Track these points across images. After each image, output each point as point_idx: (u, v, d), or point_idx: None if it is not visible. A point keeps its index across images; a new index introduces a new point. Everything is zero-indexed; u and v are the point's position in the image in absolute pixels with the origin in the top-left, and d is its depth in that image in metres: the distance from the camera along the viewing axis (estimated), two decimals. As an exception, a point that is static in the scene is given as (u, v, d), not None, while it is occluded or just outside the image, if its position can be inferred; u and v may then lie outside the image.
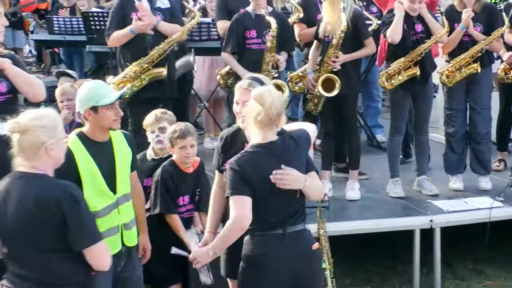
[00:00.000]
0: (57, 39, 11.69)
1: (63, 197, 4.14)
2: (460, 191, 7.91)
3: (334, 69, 7.40)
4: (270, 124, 4.68)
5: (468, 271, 7.74)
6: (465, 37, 7.72)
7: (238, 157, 4.72)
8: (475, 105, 7.89)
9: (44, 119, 4.23)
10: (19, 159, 4.23)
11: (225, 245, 4.79)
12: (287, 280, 4.75)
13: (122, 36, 7.52)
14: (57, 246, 4.17)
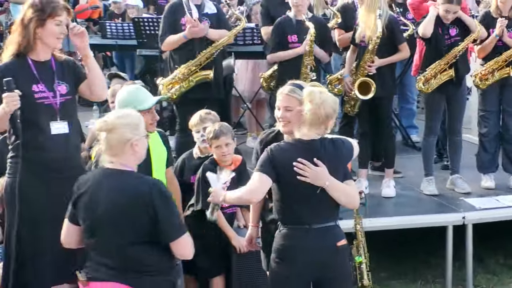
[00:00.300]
0: (110, 43, 11.82)
1: (154, 193, 4.25)
2: (492, 189, 7.85)
3: (370, 73, 7.37)
4: (317, 123, 4.67)
5: (499, 266, 7.70)
6: (498, 42, 7.67)
7: (276, 144, 4.75)
8: (508, 107, 7.85)
9: (128, 118, 4.37)
10: (107, 156, 4.34)
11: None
12: (312, 273, 4.75)
13: (176, 41, 7.60)
14: (146, 238, 4.28)
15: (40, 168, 4.85)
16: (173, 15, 7.68)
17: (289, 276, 4.75)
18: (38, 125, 4.83)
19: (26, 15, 4.88)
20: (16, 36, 4.94)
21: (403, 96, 9.89)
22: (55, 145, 4.90)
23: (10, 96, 4.68)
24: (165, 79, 7.66)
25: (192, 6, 7.62)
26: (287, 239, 4.75)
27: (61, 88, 4.99)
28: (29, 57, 4.92)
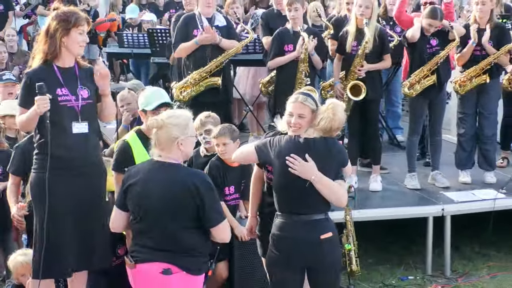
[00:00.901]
0: (126, 51, 11.79)
1: (201, 184, 4.38)
2: (468, 184, 7.84)
3: (360, 76, 7.36)
4: (326, 132, 4.75)
5: (474, 253, 7.70)
6: (477, 51, 7.65)
7: (279, 136, 4.83)
8: (484, 111, 7.82)
9: (178, 118, 4.48)
10: (156, 150, 4.47)
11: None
12: (299, 261, 4.77)
13: (188, 47, 7.62)
14: (193, 224, 4.40)
15: (62, 164, 4.84)
16: (186, 27, 7.68)
17: (279, 263, 4.79)
18: (61, 125, 4.83)
19: (51, 26, 4.89)
20: (42, 45, 4.95)
21: (389, 100, 9.89)
22: (75, 143, 4.90)
23: (42, 99, 4.69)
24: (178, 84, 7.66)
25: (204, 19, 7.63)
26: (279, 229, 4.79)
27: (83, 92, 4.98)
28: (54, 63, 4.92)
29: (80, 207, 4.92)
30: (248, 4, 11.87)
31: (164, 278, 4.37)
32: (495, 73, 7.74)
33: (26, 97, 4.87)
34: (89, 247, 5.00)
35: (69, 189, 4.87)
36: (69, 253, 4.94)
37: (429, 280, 7.08)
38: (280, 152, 4.74)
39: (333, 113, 4.71)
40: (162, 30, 10.43)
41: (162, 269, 4.37)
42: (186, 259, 4.42)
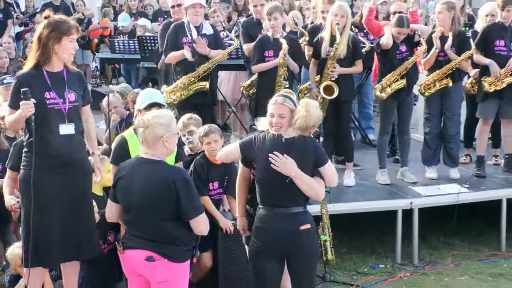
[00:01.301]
0: (118, 57, 11.83)
1: (178, 179, 4.43)
2: (434, 179, 7.86)
3: (333, 78, 7.38)
4: (303, 129, 4.76)
5: (439, 243, 7.74)
6: (440, 57, 7.70)
7: (263, 134, 4.87)
8: (447, 112, 7.84)
9: (162, 118, 4.52)
10: (143, 148, 4.54)
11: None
12: (279, 250, 4.81)
13: (177, 57, 7.62)
14: (172, 216, 4.45)
15: (49, 162, 4.83)
16: (176, 35, 7.66)
17: (259, 251, 4.82)
18: (49, 127, 4.82)
19: (43, 33, 4.86)
20: (34, 51, 4.92)
21: (362, 102, 9.92)
22: (62, 143, 4.88)
23: (26, 104, 4.68)
24: (168, 88, 7.65)
25: (192, 27, 7.62)
26: (261, 221, 4.82)
27: (70, 96, 4.96)
28: (44, 68, 4.90)
29: (66, 202, 4.91)
30: (232, 12, 11.86)
31: (148, 265, 4.45)
32: (457, 77, 7.76)
33: (15, 99, 4.84)
34: (74, 239, 4.99)
35: (55, 186, 4.86)
36: (55, 245, 4.91)
37: (398, 268, 7.11)
38: (263, 149, 4.78)
39: (306, 111, 4.74)
40: (151, 37, 10.43)
41: (146, 256, 4.44)
42: (169, 247, 4.47)
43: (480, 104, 8.03)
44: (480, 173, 7.99)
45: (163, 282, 4.47)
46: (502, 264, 7.23)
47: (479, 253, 7.51)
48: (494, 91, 7.79)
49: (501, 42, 7.80)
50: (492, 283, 6.78)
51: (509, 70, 7.71)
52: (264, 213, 4.80)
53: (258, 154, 4.81)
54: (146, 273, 4.51)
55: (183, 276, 4.59)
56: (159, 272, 4.46)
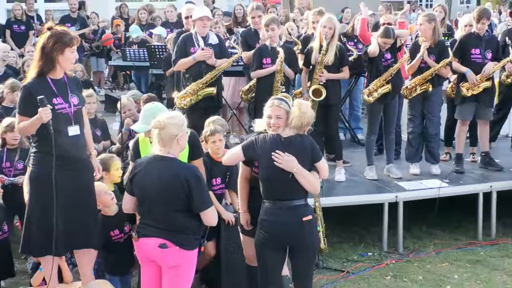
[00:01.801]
0: (129, 64, 11.82)
1: (191, 176, 4.46)
2: (417, 175, 7.86)
3: (321, 82, 7.38)
4: (298, 127, 4.80)
5: (422, 233, 7.74)
6: (422, 64, 7.70)
7: (263, 135, 4.89)
8: (428, 113, 7.85)
9: (175, 119, 4.55)
10: (158, 146, 4.55)
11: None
12: (283, 240, 4.82)
13: (186, 63, 7.57)
14: (183, 208, 4.48)
15: (61, 161, 4.79)
16: (184, 45, 7.64)
17: (266, 242, 4.82)
18: (58, 129, 4.78)
19: (47, 44, 4.81)
20: (37, 60, 4.87)
21: (351, 105, 9.94)
22: (71, 144, 4.86)
23: (45, 111, 4.66)
24: (179, 93, 7.62)
25: (200, 38, 7.61)
26: (266, 214, 4.83)
27: (74, 99, 4.94)
28: (48, 76, 4.86)
29: (73, 197, 4.88)
30: (232, 24, 11.87)
31: (161, 251, 4.48)
32: (436, 82, 7.76)
33: (25, 107, 4.80)
34: (82, 230, 4.98)
35: (64, 182, 4.82)
36: (62, 235, 4.86)
37: (385, 256, 7.12)
38: (265, 149, 4.80)
39: (299, 110, 4.79)
40: (159, 47, 10.41)
41: (159, 244, 4.46)
42: (180, 236, 4.49)
43: (459, 106, 8.05)
44: (459, 169, 7.99)
45: (174, 267, 4.50)
46: (479, 252, 7.23)
47: (458, 242, 7.51)
48: (471, 95, 7.81)
49: (476, 50, 7.82)
50: (470, 269, 6.79)
51: (484, 76, 7.73)
52: (269, 207, 4.82)
53: (260, 153, 4.83)
54: (159, 259, 4.54)
55: (192, 262, 4.61)
56: (171, 258, 4.48)
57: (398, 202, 7.21)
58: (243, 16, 11.65)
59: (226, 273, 5.93)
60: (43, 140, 4.81)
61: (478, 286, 6.40)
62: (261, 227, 4.86)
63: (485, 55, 7.82)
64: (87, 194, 5.02)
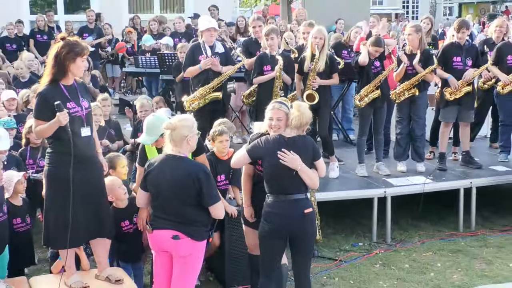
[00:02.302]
0: (141, 71, 11.84)
1: (201, 173, 4.48)
2: (404, 172, 7.85)
3: (314, 88, 7.37)
4: (298, 127, 4.81)
5: (408, 225, 7.74)
6: (409, 70, 7.68)
7: (266, 136, 4.88)
8: (415, 116, 7.84)
9: (187, 121, 4.55)
10: (170, 146, 4.54)
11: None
12: (286, 231, 4.81)
13: (194, 71, 7.62)
14: (194, 202, 4.49)
15: (74, 159, 4.75)
16: (193, 53, 7.68)
17: (270, 232, 4.81)
18: (73, 131, 4.76)
19: (60, 53, 4.78)
20: (50, 68, 4.84)
21: (344, 108, 9.91)
22: (84, 144, 4.84)
23: (63, 115, 4.65)
24: (188, 97, 7.65)
25: (207, 47, 7.63)
26: (271, 207, 4.82)
27: (84, 103, 4.92)
28: (60, 83, 4.83)
29: (87, 191, 4.86)
30: (235, 33, 11.87)
31: (174, 242, 4.49)
32: (422, 87, 7.75)
33: (41, 111, 4.76)
34: (96, 221, 4.96)
35: (79, 178, 4.79)
36: (80, 227, 4.85)
37: (374, 246, 7.11)
38: (269, 148, 4.79)
39: (298, 110, 4.79)
40: (168, 55, 10.41)
41: (172, 235, 4.47)
42: (191, 228, 4.49)
43: (442, 110, 8.04)
44: (442, 167, 7.97)
45: (185, 256, 4.51)
46: (460, 242, 7.23)
47: (441, 233, 7.51)
48: (453, 99, 7.80)
49: (458, 58, 7.81)
50: (451, 258, 6.79)
51: (465, 81, 7.73)
52: (273, 200, 4.81)
53: (265, 153, 4.82)
54: (171, 249, 4.54)
55: (201, 252, 4.63)
56: (183, 248, 4.49)
57: (387, 197, 7.20)
58: (245, 27, 11.69)
59: (229, 261, 5.93)
60: (59, 141, 4.78)
61: (459, 273, 6.40)
62: (265, 218, 4.84)
63: (466, 62, 7.81)
64: (99, 188, 5.01)
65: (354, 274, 6.38)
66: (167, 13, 16.60)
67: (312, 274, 6.25)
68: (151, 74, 11.59)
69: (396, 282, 6.20)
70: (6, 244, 5.33)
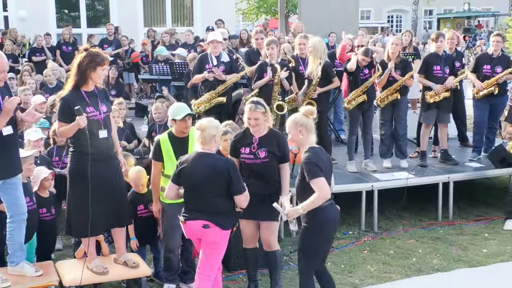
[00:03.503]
0: (154, 78, 11.82)
1: (230, 165, 4.57)
2: (389, 168, 7.82)
3: (313, 97, 7.37)
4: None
5: (393, 215, 7.70)
6: (391, 77, 7.67)
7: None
8: (397, 117, 7.84)
9: (213, 122, 4.65)
10: (199, 145, 4.59)
11: (310, 208, 4.47)
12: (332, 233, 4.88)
13: (199, 78, 7.73)
14: (224, 193, 4.54)
15: (93, 157, 4.77)
16: (201, 62, 7.76)
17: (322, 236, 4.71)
18: (92, 133, 4.77)
19: (83, 62, 4.79)
20: (73, 75, 4.86)
21: (335, 111, 9.89)
22: (101, 144, 4.85)
23: (82, 118, 4.67)
24: (196, 101, 7.73)
25: (213, 57, 7.68)
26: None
27: (103, 108, 4.92)
28: (82, 89, 4.84)
29: (107, 185, 4.86)
30: (238, 45, 11.85)
31: (204, 231, 4.52)
32: (403, 91, 7.74)
33: (64, 115, 4.79)
34: (116, 212, 4.97)
35: (99, 174, 4.80)
36: (101, 217, 4.87)
37: (362, 234, 7.09)
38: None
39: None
40: (179, 63, 10.41)
41: (203, 225, 4.51)
42: (219, 218, 4.53)
43: (423, 113, 8.05)
44: (423, 163, 7.95)
45: (213, 243, 4.56)
46: (439, 230, 7.21)
47: (422, 222, 7.49)
48: (433, 102, 7.78)
49: (437, 67, 7.81)
50: (431, 245, 6.76)
51: (446, 87, 7.73)
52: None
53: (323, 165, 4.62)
54: (202, 236, 4.58)
55: (226, 240, 4.66)
56: (211, 236, 4.53)
57: (374, 190, 7.17)
58: (247, 39, 11.64)
59: (234, 248, 5.88)
60: (79, 141, 4.79)
61: (438, 258, 6.37)
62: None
63: (444, 70, 7.80)
64: (117, 183, 5.01)
65: (345, 259, 6.35)
66: (178, 26, 16.56)
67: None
68: (164, 80, 11.57)
69: (382, 266, 6.17)
70: (35, 231, 5.34)
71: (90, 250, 5.01)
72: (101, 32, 15.08)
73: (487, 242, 6.81)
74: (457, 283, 5.82)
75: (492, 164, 7.95)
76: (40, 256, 5.48)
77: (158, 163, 5.20)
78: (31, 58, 12.79)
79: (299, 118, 4.61)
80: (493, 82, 8.02)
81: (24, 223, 4.90)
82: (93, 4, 17.47)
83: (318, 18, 13.14)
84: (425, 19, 42.83)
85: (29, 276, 4.88)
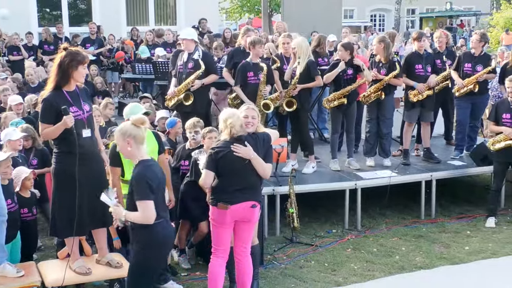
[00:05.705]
0: (138, 77, 11.76)
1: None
2: (372, 167, 7.85)
3: (293, 94, 7.33)
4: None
5: (376, 214, 7.74)
6: (375, 76, 7.66)
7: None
8: (381, 116, 7.84)
9: (234, 111, 4.97)
10: (227, 135, 4.84)
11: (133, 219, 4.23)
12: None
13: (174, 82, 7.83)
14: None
15: (78, 156, 4.72)
16: (175, 59, 7.88)
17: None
18: (76, 132, 4.71)
19: (64, 61, 4.72)
20: (54, 75, 4.78)
21: (319, 110, 9.88)
22: (85, 144, 4.80)
23: (69, 118, 4.63)
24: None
25: (185, 53, 7.67)
26: None
27: (86, 107, 4.87)
28: (63, 89, 4.77)
29: (92, 184, 4.80)
30: (222, 44, 11.81)
31: (252, 210, 4.85)
32: (388, 91, 7.75)
33: (47, 116, 4.72)
34: (100, 212, 4.88)
35: (83, 173, 4.75)
36: (85, 217, 4.82)
37: (346, 232, 7.11)
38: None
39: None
40: (162, 62, 10.36)
41: (251, 205, 4.82)
42: (259, 195, 4.98)
43: (406, 112, 8.10)
44: (406, 162, 8.00)
45: (256, 219, 4.98)
46: (422, 228, 7.26)
47: (405, 220, 7.54)
48: (417, 101, 7.83)
49: (419, 66, 7.86)
50: (414, 242, 6.81)
51: (428, 86, 7.78)
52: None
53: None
54: (248, 216, 4.85)
55: None
56: (256, 214, 4.91)
57: (357, 189, 7.20)
58: (231, 38, 11.61)
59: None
60: (65, 141, 4.73)
61: (421, 256, 6.42)
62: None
63: (426, 69, 7.86)
64: (102, 182, 4.94)
65: (329, 257, 6.37)
66: (161, 25, 16.48)
67: (290, 258, 6.28)
68: (146, 79, 11.52)
69: (365, 264, 6.20)
70: (18, 230, 5.30)
71: (74, 250, 4.97)
72: (84, 31, 14.95)
73: (469, 239, 6.88)
74: (439, 280, 5.87)
75: (474, 162, 8.04)
76: (22, 257, 5.43)
77: (117, 169, 5.08)
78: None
79: (126, 128, 4.16)
80: (473, 80, 8.10)
81: (4, 224, 4.84)
82: (75, 2, 17.31)
83: (301, 17, 13.18)
84: (407, 18, 43.16)
85: (11, 276, 4.82)
